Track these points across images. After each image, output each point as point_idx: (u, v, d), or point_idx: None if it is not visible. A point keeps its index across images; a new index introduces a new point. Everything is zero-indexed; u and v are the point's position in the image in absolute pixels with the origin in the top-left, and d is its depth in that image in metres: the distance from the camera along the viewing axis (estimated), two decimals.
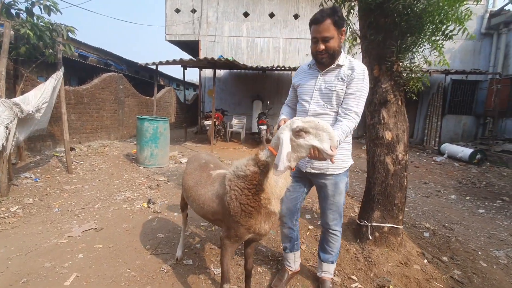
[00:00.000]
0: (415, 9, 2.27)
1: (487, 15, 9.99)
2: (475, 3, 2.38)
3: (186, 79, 10.45)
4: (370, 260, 2.42)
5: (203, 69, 11.08)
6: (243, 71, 11.04)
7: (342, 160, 1.84)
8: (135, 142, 7.28)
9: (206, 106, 11.56)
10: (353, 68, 1.72)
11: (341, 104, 1.74)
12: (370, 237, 2.57)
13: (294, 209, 2.07)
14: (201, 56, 9.73)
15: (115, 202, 3.75)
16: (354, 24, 2.96)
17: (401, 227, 2.61)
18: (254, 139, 9.86)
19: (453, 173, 6.68)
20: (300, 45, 10.94)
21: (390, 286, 2.14)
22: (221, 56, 8.89)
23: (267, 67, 9.27)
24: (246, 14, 10.89)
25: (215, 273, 2.25)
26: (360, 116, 1.71)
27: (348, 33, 3.16)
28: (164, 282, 2.12)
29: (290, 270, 2.18)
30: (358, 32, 2.82)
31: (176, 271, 2.25)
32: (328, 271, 2.09)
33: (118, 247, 2.59)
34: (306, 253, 2.58)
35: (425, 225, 3.35)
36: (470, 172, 6.74)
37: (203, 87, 11.58)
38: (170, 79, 22.74)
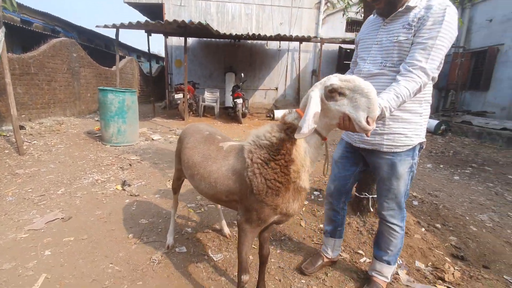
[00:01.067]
0: None
1: None
2: None
3: (147, 50, 9.43)
4: (373, 232, 2.35)
5: (169, 37, 10.08)
6: (213, 40, 10.25)
7: (405, 135, 1.44)
8: (97, 119, 6.53)
9: (174, 78, 10.70)
10: (430, 7, 1.26)
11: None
12: (372, 209, 2.49)
13: (343, 190, 1.79)
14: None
15: (82, 186, 3.26)
16: None
17: None
18: (228, 114, 9.43)
19: None
20: (274, 13, 10.35)
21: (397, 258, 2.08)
22: (191, 20, 8.07)
23: (242, 35, 8.65)
24: None
25: (215, 259, 2.01)
26: (432, 75, 1.26)
27: None
28: (158, 275, 1.83)
29: (327, 258, 1.92)
30: None
31: (169, 261, 1.97)
32: (380, 271, 1.72)
33: (94, 239, 2.21)
34: (308, 230, 2.45)
35: (412, 194, 3.40)
36: (437, 142, 7.13)
37: (170, 57, 10.62)
38: (130, 50, 20.69)
